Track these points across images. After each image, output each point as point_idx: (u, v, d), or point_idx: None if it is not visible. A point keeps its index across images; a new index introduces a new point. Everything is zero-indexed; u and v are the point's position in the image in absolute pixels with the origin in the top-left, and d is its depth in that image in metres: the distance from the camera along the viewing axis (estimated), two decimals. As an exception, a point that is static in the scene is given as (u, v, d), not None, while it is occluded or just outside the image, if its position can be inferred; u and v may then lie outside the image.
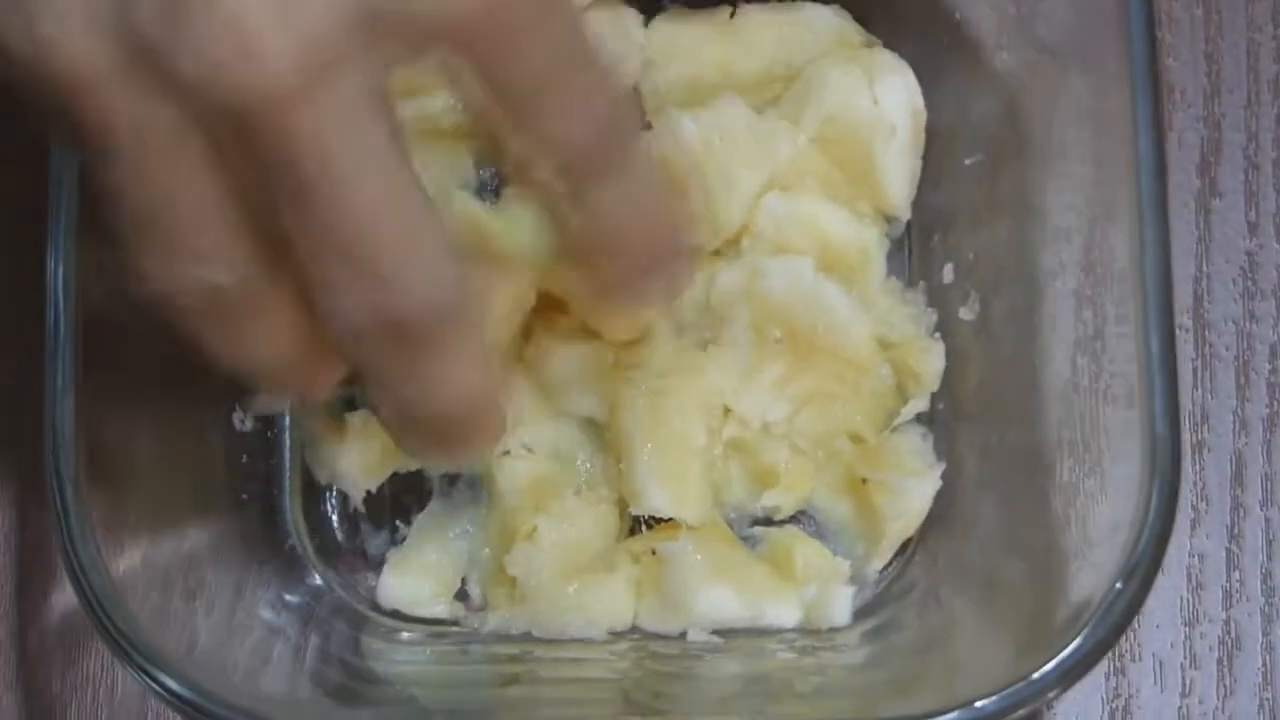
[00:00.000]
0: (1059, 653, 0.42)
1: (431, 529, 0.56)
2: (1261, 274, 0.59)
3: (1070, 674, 0.43)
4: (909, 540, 0.55)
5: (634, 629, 0.54)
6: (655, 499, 0.53)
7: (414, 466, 0.56)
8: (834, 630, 0.53)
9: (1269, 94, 0.59)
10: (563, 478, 0.55)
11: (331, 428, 0.56)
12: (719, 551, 0.54)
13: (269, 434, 0.57)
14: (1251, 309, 0.59)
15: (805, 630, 0.54)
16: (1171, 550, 0.56)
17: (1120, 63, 0.44)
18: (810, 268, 0.54)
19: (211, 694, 0.44)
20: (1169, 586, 0.57)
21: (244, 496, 0.55)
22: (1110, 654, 0.56)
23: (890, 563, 0.55)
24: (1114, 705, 0.56)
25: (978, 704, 0.42)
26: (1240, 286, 0.59)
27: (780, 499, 0.55)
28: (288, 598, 0.54)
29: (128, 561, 0.47)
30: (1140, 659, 0.57)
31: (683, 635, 0.54)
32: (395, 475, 0.56)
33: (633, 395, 0.54)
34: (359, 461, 0.55)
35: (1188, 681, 0.57)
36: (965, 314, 0.55)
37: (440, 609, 0.55)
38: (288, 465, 0.57)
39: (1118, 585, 0.43)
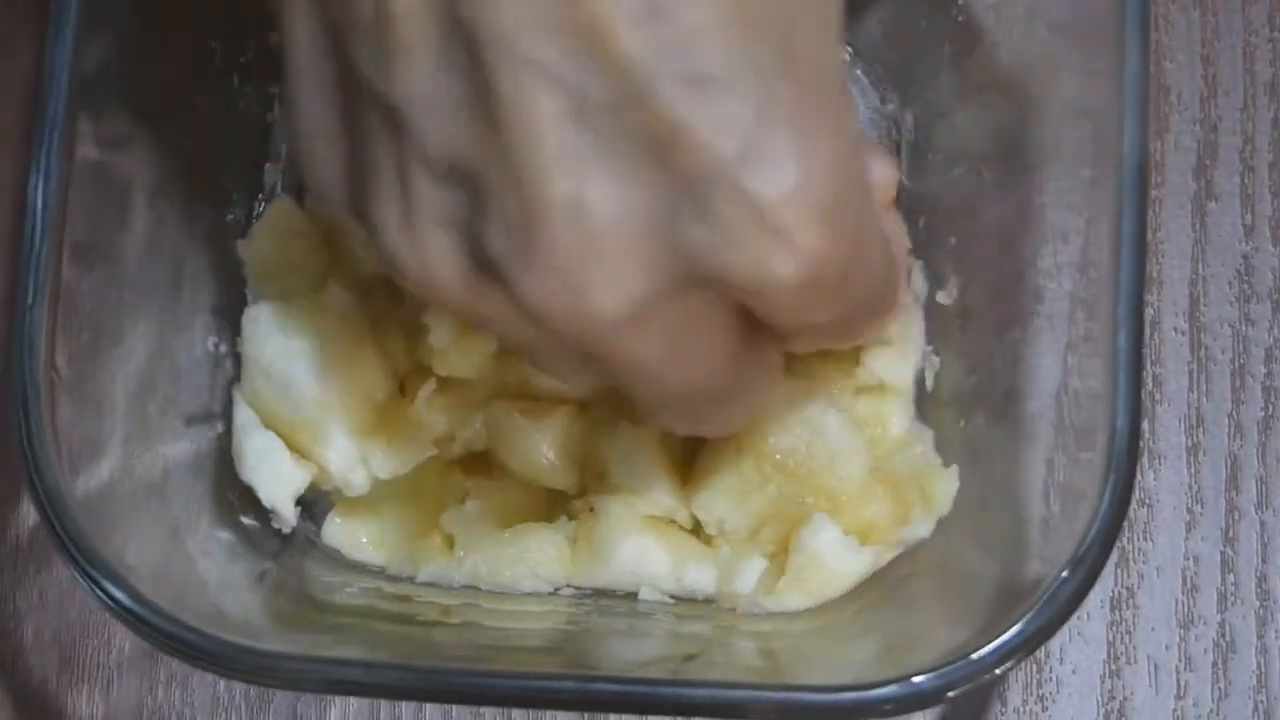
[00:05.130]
0: (1000, 634, 0.43)
1: (390, 481, 0.55)
2: (1257, 277, 0.59)
3: (1011, 654, 0.43)
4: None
5: (579, 589, 0.54)
6: (657, 493, 0.53)
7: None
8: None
9: (1265, 96, 0.59)
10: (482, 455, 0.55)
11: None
12: (652, 516, 0.53)
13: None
14: (1247, 312, 0.58)
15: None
16: (1166, 553, 0.57)
17: (1114, 60, 0.44)
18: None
19: (157, 607, 0.44)
20: (1164, 589, 0.57)
21: (218, 426, 0.55)
22: (1106, 656, 0.56)
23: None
24: (1109, 708, 0.56)
25: (915, 679, 0.43)
26: (1236, 289, 0.59)
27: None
28: (247, 523, 0.54)
29: (90, 473, 0.47)
30: (1135, 661, 0.57)
31: (632, 595, 0.54)
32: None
33: (604, 420, 0.54)
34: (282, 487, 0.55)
35: (1182, 684, 0.57)
36: (943, 298, 0.55)
37: (378, 557, 0.55)
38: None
39: (1063, 574, 0.43)
